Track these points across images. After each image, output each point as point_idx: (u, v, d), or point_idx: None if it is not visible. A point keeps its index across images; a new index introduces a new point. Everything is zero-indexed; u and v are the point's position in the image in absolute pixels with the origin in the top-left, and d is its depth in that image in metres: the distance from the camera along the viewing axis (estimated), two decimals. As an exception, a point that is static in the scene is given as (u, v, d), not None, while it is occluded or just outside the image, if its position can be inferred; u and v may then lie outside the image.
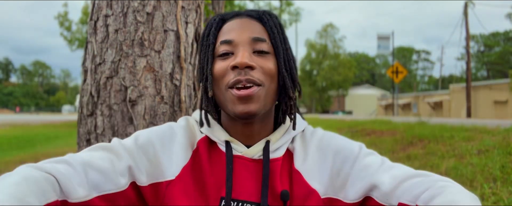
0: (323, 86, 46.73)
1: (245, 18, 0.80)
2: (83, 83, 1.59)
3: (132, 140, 0.78)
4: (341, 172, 0.77)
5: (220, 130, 0.80)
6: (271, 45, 0.77)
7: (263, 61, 0.75)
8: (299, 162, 0.80)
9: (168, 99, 1.52)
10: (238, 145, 0.79)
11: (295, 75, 0.79)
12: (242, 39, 0.75)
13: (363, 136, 6.47)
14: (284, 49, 0.78)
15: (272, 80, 0.75)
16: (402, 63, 62.59)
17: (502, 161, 3.21)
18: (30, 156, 6.96)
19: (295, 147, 0.82)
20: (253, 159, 0.78)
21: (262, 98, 0.73)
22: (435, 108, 27.17)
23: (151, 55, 1.50)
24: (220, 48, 0.76)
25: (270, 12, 0.82)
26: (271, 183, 0.76)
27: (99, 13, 1.54)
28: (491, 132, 5.05)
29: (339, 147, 0.80)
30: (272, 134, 0.81)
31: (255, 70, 0.73)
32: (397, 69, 20.13)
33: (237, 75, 0.72)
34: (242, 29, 0.77)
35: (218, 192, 0.75)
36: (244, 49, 0.74)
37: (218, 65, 0.76)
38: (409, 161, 3.88)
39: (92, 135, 1.51)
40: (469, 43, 21.60)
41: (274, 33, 0.78)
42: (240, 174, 0.77)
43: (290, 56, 0.79)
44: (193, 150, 0.80)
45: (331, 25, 47.63)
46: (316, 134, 0.84)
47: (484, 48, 57.59)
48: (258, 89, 0.72)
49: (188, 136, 0.81)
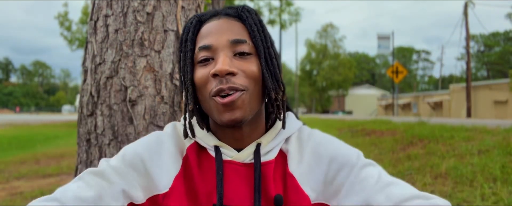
0: (323, 86, 46.72)
1: (223, 18, 0.75)
2: (83, 83, 1.59)
3: (119, 158, 0.76)
4: (335, 181, 0.74)
5: (208, 135, 0.78)
6: (253, 45, 0.73)
7: (245, 64, 0.71)
8: (293, 165, 0.77)
9: (168, 99, 1.52)
10: (228, 149, 0.76)
11: (278, 75, 0.75)
12: (220, 43, 0.72)
13: (363, 136, 6.47)
14: (266, 47, 0.74)
15: (256, 83, 0.72)
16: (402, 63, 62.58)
17: (502, 161, 3.21)
18: (30, 156, 6.96)
19: (289, 148, 0.79)
20: (244, 163, 0.75)
21: (246, 104, 0.70)
22: (435, 108, 27.17)
23: (151, 55, 1.50)
24: (199, 55, 0.73)
25: (249, 8, 0.78)
26: (264, 187, 0.73)
27: (99, 13, 1.54)
28: (491, 132, 5.05)
29: (336, 153, 0.77)
30: (263, 136, 0.78)
31: (237, 76, 0.70)
32: (397, 69, 20.12)
33: (219, 83, 0.69)
34: (221, 32, 0.73)
35: (210, 200, 0.73)
36: (224, 53, 0.70)
37: (199, 73, 0.73)
38: (409, 161, 3.87)
39: (92, 135, 1.51)
40: (469, 43, 21.60)
41: (254, 31, 0.73)
42: (231, 180, 0.74)
43: (272, 54, 0.75)
44: (183, 158, 0.78)
45: (331, 25, 47.64)
46: (313, 136, 0.81)
47: (484, 48, 57.57)
48: (241, 94, 0.69)
49: (176, 143, 0.79)
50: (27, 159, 6.52)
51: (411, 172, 3.40)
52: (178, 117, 1.56)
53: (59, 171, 5.04)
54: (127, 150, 0.77)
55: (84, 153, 1.53)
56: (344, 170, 0.74)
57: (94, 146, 1.50)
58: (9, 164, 6.01)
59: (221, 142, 0.76)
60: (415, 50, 72.56)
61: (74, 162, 1.77)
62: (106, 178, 0.71)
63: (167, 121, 1.51)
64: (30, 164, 5.95)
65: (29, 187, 4.03)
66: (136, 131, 1.47)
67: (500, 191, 2.45)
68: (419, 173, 3.33)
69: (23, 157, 6.77)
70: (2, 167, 5.61)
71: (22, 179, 4.63)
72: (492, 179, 2.77)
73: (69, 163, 5.70)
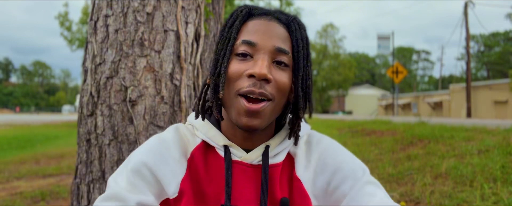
0: (323, 86, 46.72)
1: (274, 21, 0.74)
2: (83, 83, 1.59)
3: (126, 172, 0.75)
4: (337, 190, 0.74)
5: (218, 135, 0.77)
6: (292, 58, 0.73)
7: (280, 74, 0.71)
8: (301, 169, 0.77)
9: (168, 99, 1.52)
10: (237, 149, 0.76)
11: (311, 97, 0.75)
12: (265, 46, 0.71)
13: (363, 136, 6.47)
14: (305, 66, 0.74)
15: (283, 95, 0.72)
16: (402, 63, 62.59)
17: (502, 161, 3.21)
18: (30, 156, 6.96)
19: (297, 152, 0.79)
20: (252, 164, 0.75)
21: (268, 113, 0.71)
22: (435, 108, 27.17)
23: (151, 55, 1.50)
24: (241, 47, 0.72)
25: (300, 21, 0.77)
26: (271, 189, 0.74)
27: (99, 13, 1.54)
28: (491, 132, 5.05)
29: (342, 164, 0.77)
30: (272, 139, 0.78)
31: (270, 84, 0.70)
32: (397, 69, 20.12)
33: (251, 85, 0.68)
34: (268, 34, 0.72)
35: (218, 199, 0.73)
36: (265, 58, 0.70)
37: (235, 65, 0.72)
38: (409, 161, 3.87)
39: (92, 135, 1.51)
40: (469, 43, 21.59)
41: (299, 46, 0.73)
42: (239, 180, 0.74)
43: (309, 74, 0.75)
44: (188, 160, 0.77)
45: (331, 25, 47.64)
46: (322, 143, 0.80)
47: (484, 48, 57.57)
48: (268, 104, 0.70)
49: (180, 147, 0.78)
50: (27, 159, 6.52)
51: (411, 172, 3.40)
52: (178, 117, 1.55)
53: (59, 171, 5.04)
54: (131, 159, 0.77)
55: (84, 153, 1.53)
56: (347, 181, 0.74)
57: (94, 146, 1.50)
58: (9, 164, 6.01)
59: (230, 142, 0.76)
60: (415, 50, 72.55)
61: (74, 162, 1.77)
62: (120, 198, 0.70)
63: (167, 121, 1.51)
64: (30, 164, 5.95)
65: (29, 187, 4.03)
66: (136, 131, 1.47)
67: (500, 191, 2.45)
68: (419, 173, 3.33)
69: (23, 157, 6.76)
70: (2, 167, 5.61)
71: (22, 179, 4.63)
72: (492, 179, 2.77)
73: (69, 163, 5.70)
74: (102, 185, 1.47)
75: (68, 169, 5.16)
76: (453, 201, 2.40)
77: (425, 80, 73.66)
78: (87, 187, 1.51)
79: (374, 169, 3.78)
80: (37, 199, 3.39)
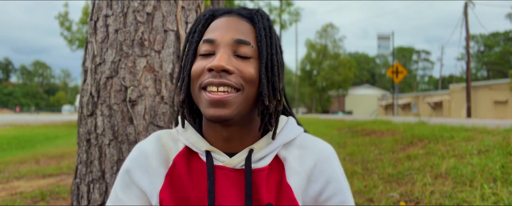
0: (323, 86, 46.69)
1: (235, 16, 0.75)
2: (83, 83, 1.59)
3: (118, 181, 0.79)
4: (327, 202, 0.76)
5: (200, 140, 0.77)
6: (257, 49, 0.73)
7: (243, 65, 0.70)
8: (292, 175, 0.76)
9: (168, 99, 1.52)
10: (220, 154, 0.75)
11: (277, 83, 0.73)
12: (224, 40, 0.71)
13: (363, 136, 6.47)
14: (269, 54, 0.73)
15: (252, 85, 0.71)
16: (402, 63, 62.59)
17: (502, 161, 3.21)
18: (30, 156, 6.96)
19: (287, 157, 0.77)
20: (235, 169, 0.74)
21: (236, 104, 0.69)
22: (435, 108, 27.17)
23: (151, 55, 1.50)
24: (202, 47, 0.73)
25: (263, 13, 0.77)
26: (256, 194, 0.72)
27: (99, 13, 1.54)
28: (491, 132, 5.05)
29: (335, 177, 0.78)
30: (256, 142, 0.76)
31: (233, 75, 0.69)
32: (397, 69, 20.12)
33: (211, 77, 0.69)
34: (227, 29, 0.72)
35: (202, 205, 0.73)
36: (224, 51, 0.70)
37: (197, 64, 0.72)
38: (409, 161, 3.87)
39: (92, 135, 1.51)
40: (469, 43, 21.59)
41: (261, 35, 0.73)
42: (223, 185, 0.73)
43: (275, 62, 0.73)
44: (169, 168, 0.77)
45: (331, 25, 47.62)
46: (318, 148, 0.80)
47: (484, 48, 57.58)
48: (234, 96, 0.69)
49: (159, 156, 0.79)
50: (27, 159, 6.52)
51: (411, 172, 3.40)
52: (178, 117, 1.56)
53: (59, 171, 5.04)
54: (121, 168, 0.80)
55: (84, 153, 1.53)
56: (338, 197, 0.76)
57: (94, 146, 1.50)
58: (9, 164, 6.01)
59: (212, 147, 0.76)
60: (415, 50, 72.55)
61: (74, 162, 1.77)
62: None
63: (167, 121, 1.51)
64: (30, 164, 5.95)
65: (29, 187, 4.03)
66: (136, 131, 1.47)
67: (500, 191, 2.45)
68: (419, 173, 3.33)
69: (23, 157, 6.76)
70: (2, 167, 5.61)
71: (22, 179, 4.63)
72: (492, 179, 2.77)
73: (69, 163, 5.70)
74: (102, 185, 1.47)
75: (68, 169, 5.16)
76: (453, 201, 2.40)
77: (425, 80, 73.67)
78: (87, 187, 1.51)
79: (374, 169, 3.78)
80: (37, 199, 3.39)
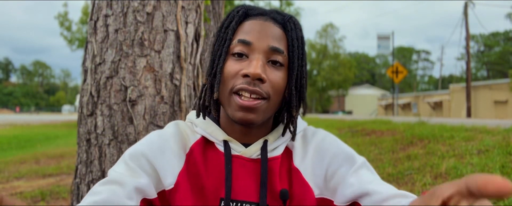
0: (323, 86, 46.71)
1: (269, 21, 0.75)
2: (83, 83, 1.59)
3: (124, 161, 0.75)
4: (336, 174, 0.76)
5: (218, 130, 0.79)
6: (287, 57, 0.74)
7: (274, 73, 0.73)
8: (298, 160, 0.79)
9: (168, 99, 1.52)
10: (236, 144, 0.78)
11: (304, 94, 0.77)
12: (260, 45, 0.72)
13: (363, 136, 6.47)
14: (299, 65, 0.75)
15: (278, 94, 0.74)
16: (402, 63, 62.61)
17: (502, 161, 3.21)
18: (30, 156, 6.95)
19: (295, 145, 0.81)
20: (251, 158, 0.77)
21: (263, 110, 0.72)
22: (435, 107, 27.17)
23: (151, 55, 1.50)
24: (236, 47, 0.73)
25: (296, 21, 0.78)
26: (270, 182, 0.75)
27: (99, 13, 1.54)
28: (491, 132, 5.05)
29: (339, 150, 0.79)
30: (270, 134, 0.80)
31: (265, 83, 0.71)
32: (397, 69, 20.11)
33: (245, 83, 0.70)
34: (264, 34, 0.73)
35: (217, 193, 0.75)
36: (259, 57, 0.72)
37: (230, 65, 0.73)
38: (409, 161, 3.87)
39: (92, 134, 1.51)
40: (469, 43, 21.59)
41: (294, 46, 0.74)
42: (239, 174, 0.76)
43: (304, 73, 0.76)
44: (187, 154, 0.79)
45: (331, 25, 47.64)
46: (318, 134, 0.83)
47: (484, 48, 57.57)
48: (263, 103, 0.72)
49: (179, 141, 0.80)
50: (27, 159, 6.52)
51: (411, 172, 3.40)
52: (178, 116, 1.55)
53: (59, 171, 5.04)
54: (130, 151, 0.77)
55: (84, 153, 1.53)
56: (345, 165, 0.77)
57: (94, 146, 1.50)
58: (9, 164, 6.01)
59: (230, 137, 0.78)
60: (415, 50, 72.56)
61: (74, 162, 1.77)
62: (118, 182, 0.70)
63: (167, 121, 1.51)
64: (30, 164, 5.95)
65: (29, 187, 4.03)
66: (136, 131, 1.47)
67: (500, 191, 2.45)
68: (419, 173, 3.33)
69: (23, 157, 6.76)
70: (2, 167, 5.61)
71: (22, 179, 4.63)
72: (492, 179, 2.77)
73: (69, 163, 5.70)
74: (102, 185, 1.47)
75: (68, 169, 5.16)
76: (453, 201, 2.40)
77: (425, 80, 73.69)
78: (87, 187, 1.51)
79: (374, 169, 3.78)
80: (37, 199, 3.39)
